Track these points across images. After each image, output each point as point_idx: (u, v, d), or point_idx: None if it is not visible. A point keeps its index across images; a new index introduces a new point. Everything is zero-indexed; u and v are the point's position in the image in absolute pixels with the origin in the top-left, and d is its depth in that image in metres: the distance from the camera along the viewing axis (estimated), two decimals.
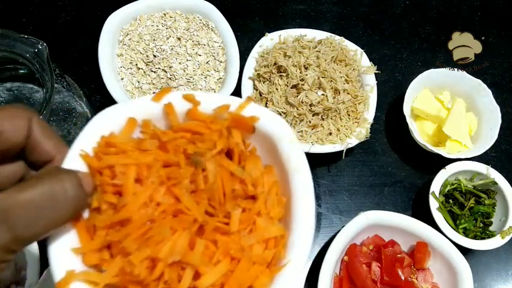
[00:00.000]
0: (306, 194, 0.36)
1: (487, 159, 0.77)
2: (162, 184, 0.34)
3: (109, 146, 0.35)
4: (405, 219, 0.65)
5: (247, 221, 0.35)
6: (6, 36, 0.57)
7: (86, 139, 0.35)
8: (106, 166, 0.34)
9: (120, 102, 0.40)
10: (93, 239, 0.33)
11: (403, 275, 0.63)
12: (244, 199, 0.36)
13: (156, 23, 0.79)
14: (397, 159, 0.79)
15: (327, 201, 0.75)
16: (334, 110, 0.71)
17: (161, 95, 0.38)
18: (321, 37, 0.78)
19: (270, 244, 0.35)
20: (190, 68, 0.75)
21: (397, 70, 0.87)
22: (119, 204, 0.33)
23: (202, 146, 0.35)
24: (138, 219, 0.32)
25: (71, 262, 0.32)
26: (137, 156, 0.34)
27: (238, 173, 0.36)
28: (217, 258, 0.33)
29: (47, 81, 0.56)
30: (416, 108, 0.77)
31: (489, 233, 0.69)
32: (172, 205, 0.34)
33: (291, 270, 0.34)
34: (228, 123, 0.37)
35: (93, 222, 0.33)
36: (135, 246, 0.31)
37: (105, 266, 0.33)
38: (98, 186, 0.33)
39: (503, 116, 0.74)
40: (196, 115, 0.38)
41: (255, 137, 0.39)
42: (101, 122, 0.36)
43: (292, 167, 0.37)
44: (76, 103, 0.67)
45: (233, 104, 0.38)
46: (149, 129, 0.37)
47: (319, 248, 0.72)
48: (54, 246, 0.32)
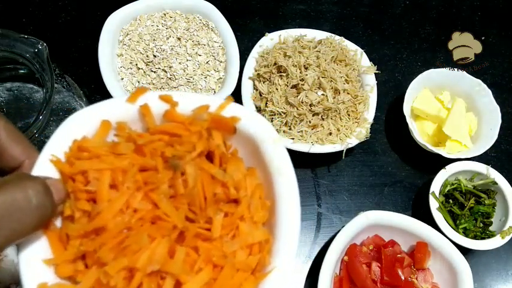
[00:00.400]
0: (290, 196, 0.34)
1: (487, 159, 0.77)
2: (139, 190, 0.32)
3: (81, 151, 0.33)
4: (405, 219, 0.65)
5: (229, 226, 0.33)
6: (6, 36, 0.57)
7: (57, 143, 0.33)
8: (78, 172, 0.32)
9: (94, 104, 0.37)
10: (67, 249, 0.31)
11: (403, 275, 0.63)
12: (226, 203, 0.34)
13: (156, 23, 0.79)
14: (397, 159, 0.79)
15: (327, 201, 0.75)
16: (334, 110, 0.71)
17: (136, 96, 0.35)
18: (321, 37, 0.78)
19: (254, 250, 0.34)
20: (190, 68, 0.75)
21: (397, 70, 0.87)
22: (93, 212, 0.31)
23: (181, 148, 0.34)
24: (113, 227, 0.30)
25: (43, 274, 0.30)
26: (112, 160, 0.32)
27: (219, 176, 0.34)
28: (199, 266, 0.31)
29: (47, 81, 0.56)
30: (416, 108, 0.77)
31: (489, 233, 0.69)
32: (150, 211, 0.32)
33: (277, 276, 0.32)
34: (207, 124, 0.35)
35: (66, 231, 0.31)
36: (111, 256, 0.30)
37: (79, 277, 0.31)
38: (71, 193, 0.31)
39: (503, 116, 0.74)
40: (174, 116, 0.35)
41: (236, 138, 0.37)
42: (73, 125, 0.34)
43: (276, 169, 0.35)
44: (76, 103, 0.67)
45: (213, 104, 0.36)
46: (124, 132, 0.35)
47: (319, 248, 0.72)
48: (24, 257, 0.30)
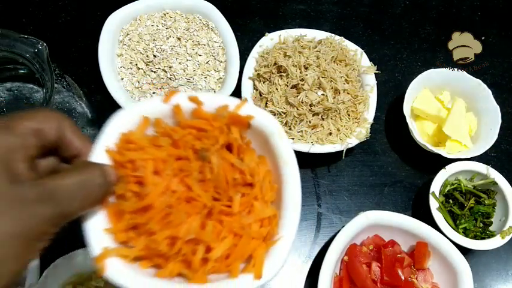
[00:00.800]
0: (294, 181, 0.43)
1: (487, 159, 0.77)
2: (176, 176, 0.41)
3: (128, 143, 0.41)
4: (405, 219, 0.65)
5: (246, 204, 0.42)
6: (6, 36, 0.57)
7: (107, 136, 0.41)
8: (127, 160, 0.40)
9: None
10: (120, 221, 0.39)
11: (403, 275, 0.63)
12: (243, 186, 0.43)
13: (156, 23, 0.79)
14: (397, 159, 0.79)
15: (327, 201, 0.75)
16: (334, 110, 0.71)
17: (169, 97, 0.44)
18: (321, 37, 0.78)
19: (265, 223, 0.42)
20: (190, 68, 0.75)
21: (397, 70, 0.87)
22: (142, 193, 0.39)
23: (207, 142, 0.42)
24: (158, 205, 0.39)
25: (104, 240, 0.39)
26: (153, 152, 0.41)
27: (238, 164, 0.42)
28: (223, 235, 0.40)
29: (47, 81, 0.56)
30: (416, 108, 0.77)
31: (489, 233, 0.69)
32: (185, 193, 0.40)
33: (283, 243, 0.41)
34: (227, 121, 0.43)
35: (120, 208, 0.39)
36: (158, 227, 0.39)
37: (132, 242, 0.39)
38: (121, 177, 0.39)
39: (503, 116, 0.74)
40: (201, 114, 0.44)
41: (250, 132, 0.45)
42: (119, 120, 0.42)
43: (282, 158, 0.44)
44: (76, 103, 0.67)
45: (231, 104, 0.44)
46: (161, 127, 0.43)
47: (319, 248, 0.72)
48: (89, 228, 0.38)
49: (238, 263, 0.41)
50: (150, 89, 0.74)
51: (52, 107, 0.57)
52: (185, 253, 0.39)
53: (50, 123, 0.34)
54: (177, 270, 0.40)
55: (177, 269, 0.40)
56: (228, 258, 0.41)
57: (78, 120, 0.66)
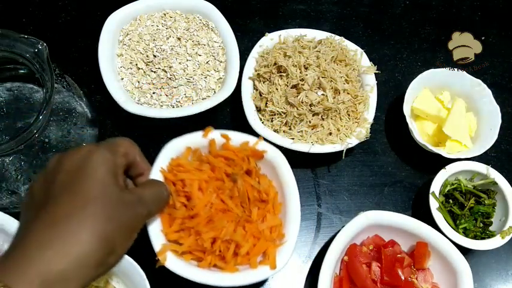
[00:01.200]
0: (294, 199, 0.59)
1: (487, 159, 0.77)
2: (214, 192, 0.56)
3: (178, 166, 0.56)
4: (405, 219, 0.65)
5: (261, 215, 0.58)
6: (6, 36, 0.57)
7: (161, 160, 0.55)
8: (178, 179, 0.54)
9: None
10: (172, 226, 0.53)
11: (403, 275, 0.63)
12: (259, 202, 0.58)
13: (156, 23, 0.79)
14: (397, 159, 0.79)
15: (327, 201, 0.75)
16: (334, 110, 0.71)
17: (207, 133, 0.59)
18: (321, 37, 0.78)
19: (274, 229, 0.58)
20: (190, 68, 0.75)
21: (397, 70, 0.87)
22: (189, 205, 0.54)
23: (235, 168, 0.58)
24: (203, 214, 0.54)
25: (161, 238, 0.52)
26: (198, 174, 0.56)
27: (256, 186, 0.58)
28: (247, 237, 0.55)
29: (47, 81, 0.56)
30: (416, 108, 0.77)
31: (489, 233, 0.69)
32: (220, 205, 0.55)
33: (287, 245, 0.57)
34: (248, 153, 0.59)
35: (172, 215, 0.53)
36: (205, 230, 0.53)
37: (181, 241, 0.53)
38: (173, 192, 0.53)
39: (503, 116, 0.74)
40: (229, 147, 0.59)
41: (262, 161, 0.61)
42: (169, 149, 0.57)
43: (285, 183, 0.60)
44: (76, 103, 0.67)
45: (251, 141, 0.60)
46: (199, 155, 0.59)
47: (319, 248, 0.72)
48: (151, 229, 0.52)
49: (257, 257, 0.56)
50: (150, 89, 0.74)
51: (52, 107, 0.57)
52: (222, 249, 0.54)
53: (132, 149, 0.46)
54: (214, 262, 0.54)
55: (214, 261, 0.54)
56: (249, 254, 0.55)
57: (78, 120, 0.66)
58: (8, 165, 0.61)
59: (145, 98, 0.74)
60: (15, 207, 0.63)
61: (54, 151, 0.63)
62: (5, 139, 0.62)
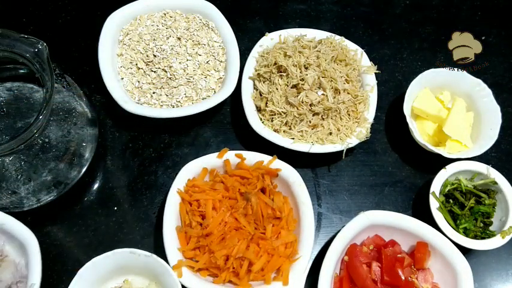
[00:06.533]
0: (309, 217, 0.62)
1: (487, 159, 0.77)
2: (228, 211, 0.61)
3: (194, 187, 0.62)
4: (405, 219, 0.65)
5: (275, 232, 0.62)
6: (6, 36, 0.57)
7: (179, 182, 0.62)
8: (194, 199, 0.61)
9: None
10: (188, 244, 0.60)
11: (403, 275, 0.63)
12: (273, 219, 0.62)
13: (156, 22, 0.79)
14: (397, 159, 0.79)
15: (327, 201, 0.75)
16: (335, 109, 0.71)
17: (222, 154, 0.65)
18: (321, 37, 0.78)
19: (288, 245, 0.61)
20: (191, 67, 0.75)
21: (397, 70, 0.87)
22: (204, 223, 0.60)
23: (249, 187, 0.63)
24: (216, 232, 0.59)
25: (178, 255, 0.58)
26: (212, 194, 0.61)
27: (270, 203, 0.62)
28: (260, 254, 0.58)
29: (47, 81, 0.56)
30: (416, 108, 0.77)
31: (489, 233, 0.69)
32: (234, 223, 0.60)
33: (301, 261, 0.60)
34: (262, 172, 0.64)
35: (188, 233, 0.60)
36: (218, 248, 0.57)
37: (197, 258, 0.59)
38: (189, 211, 0.60)
39: (503, 116, 0.74)
40: (243, 166, 0.65)
41: (277, 179, 0.66)
42: (187, 170, 0.63)
43: (300, 200, 0.63)
44: (76, 103, 0.67)
45: (265, 160, 0.65)
46: (216, 175, 0.65)
47: (319, 248, 0.72)
48: (167, 246, 0.58)
49: (270, 273, 0.59)
50: (150, 88, 0.74)
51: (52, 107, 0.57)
52: (235, 266, 0.58)
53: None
54: (228, 278, 0.58)
55: (228, 277, 0.58)
56: (263, 270, 0.58)
57: (78, 120, 0.66)
58: (8, 165, 0.61)
59: (145, 97, 0.74)
60: (15, 207, 0.63)
61: (54, 151, 0.63)
62: (5, 139, 0.62)
